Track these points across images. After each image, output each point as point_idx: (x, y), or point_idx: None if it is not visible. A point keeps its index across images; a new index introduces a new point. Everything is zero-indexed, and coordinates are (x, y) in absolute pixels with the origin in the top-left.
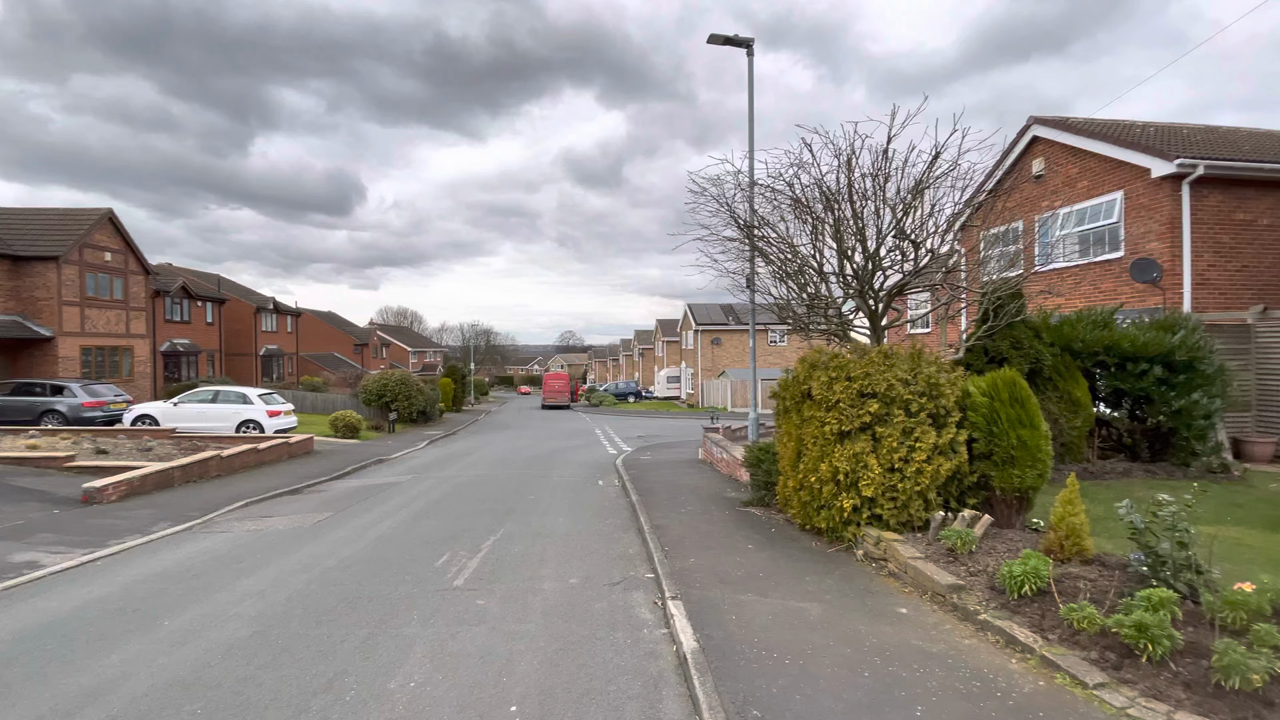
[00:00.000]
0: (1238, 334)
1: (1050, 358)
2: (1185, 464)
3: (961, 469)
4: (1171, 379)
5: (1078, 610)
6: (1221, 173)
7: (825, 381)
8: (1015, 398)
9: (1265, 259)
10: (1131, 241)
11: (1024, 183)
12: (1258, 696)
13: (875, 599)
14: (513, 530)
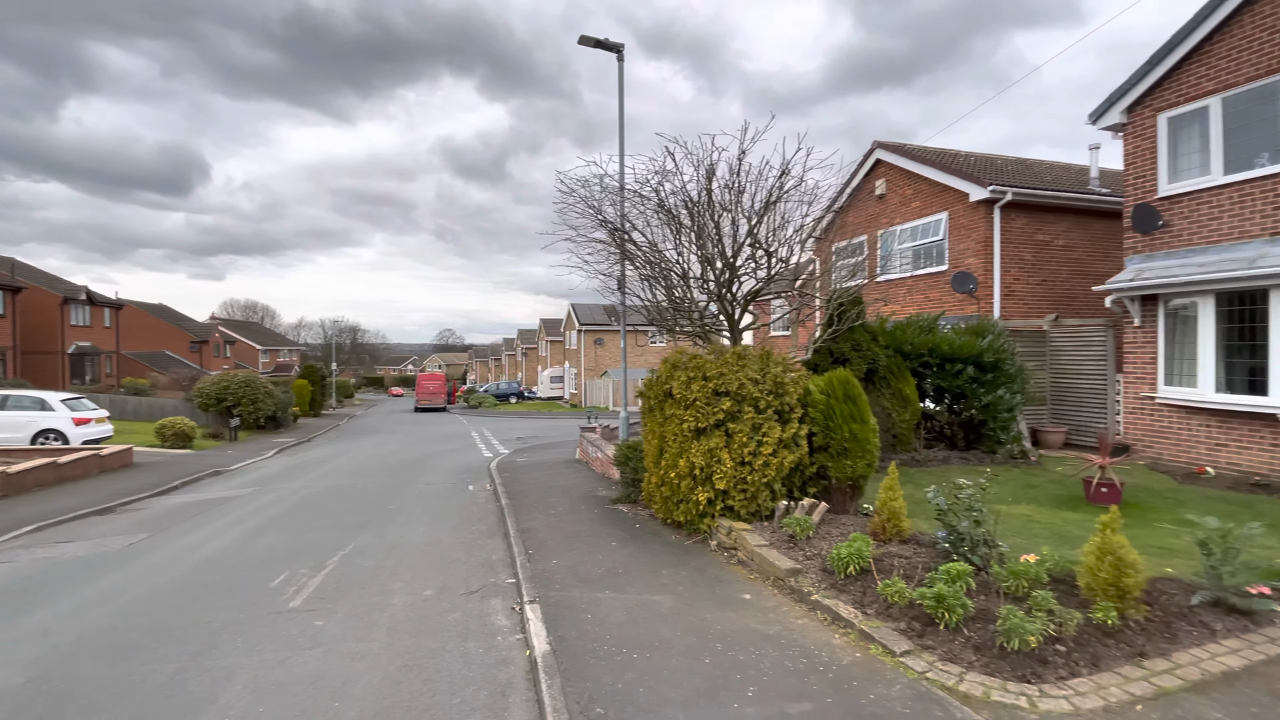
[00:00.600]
0: (1036, 338)
1: (885, 359)
2: (992, 451)
3: (803, 461)
4: (981, 377)
5: (891, 586)
6: (1026, 199)
7: (684, 381)
8: (848, 395)
9: (1060, 274)
10: (954, 257)
11: (869, 201)
12: (1034, 655)
13: (723, 587)
14: (365, 544)
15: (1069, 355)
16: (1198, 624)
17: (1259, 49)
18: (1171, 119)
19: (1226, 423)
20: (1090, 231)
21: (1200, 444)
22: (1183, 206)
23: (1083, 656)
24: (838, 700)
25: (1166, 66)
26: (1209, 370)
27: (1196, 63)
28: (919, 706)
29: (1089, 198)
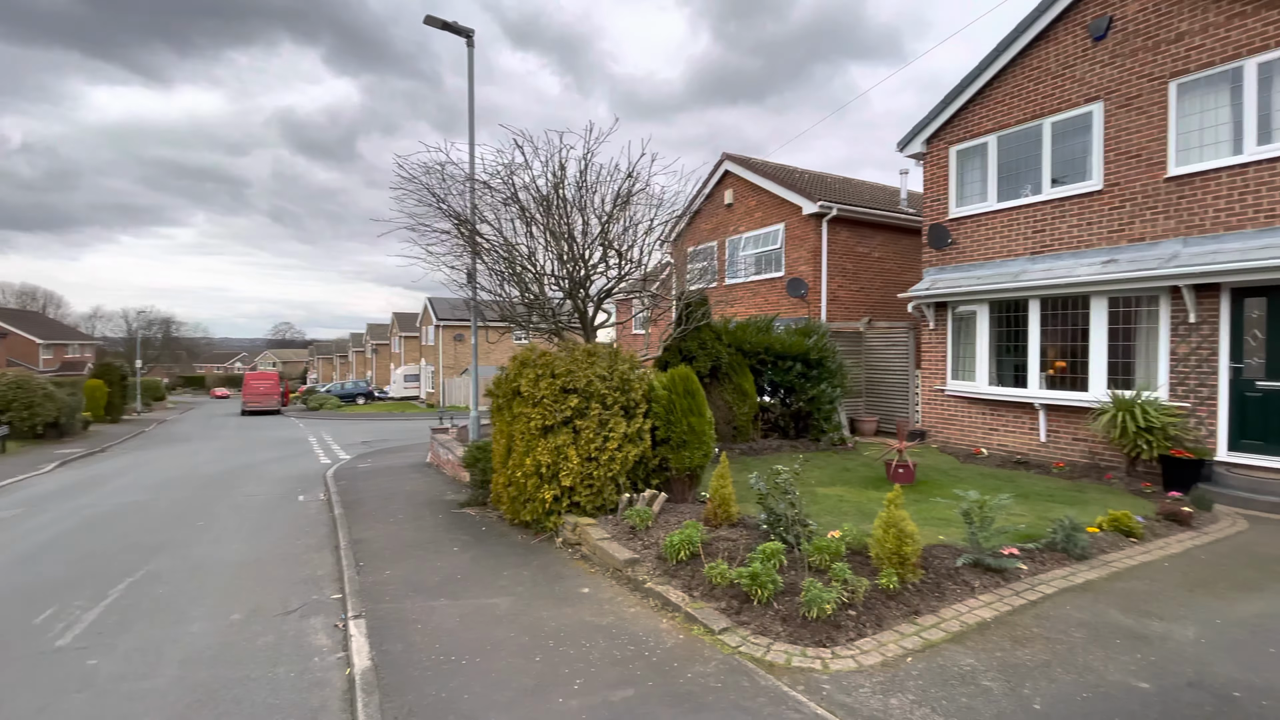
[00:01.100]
0: (854, 339)
1: (727, 356)
2: (817, 439)
3: (646, 454)
4: (808, 373)
5: (715, 568)
6: (849, 214)
7: (533, 379)
8: (688, 390)
9: (875, 282)
10: (789, 264)
11: (718, 209)
12: (830, 621)
13: (564, 583)
14: (162, 567)
15: (880, 353)
16: (961, 583)
17: (1026, 97)
18: (960, 151)
19: (997, 411)
20: (900, 246)
21: (978, 429)
22: (967, 227)
23: (869, 619)
24: (658, 682)
25: (956, 106)
26: (984, 367)
27: (979, 105)
28: (730, 679)
29: (898, 216)
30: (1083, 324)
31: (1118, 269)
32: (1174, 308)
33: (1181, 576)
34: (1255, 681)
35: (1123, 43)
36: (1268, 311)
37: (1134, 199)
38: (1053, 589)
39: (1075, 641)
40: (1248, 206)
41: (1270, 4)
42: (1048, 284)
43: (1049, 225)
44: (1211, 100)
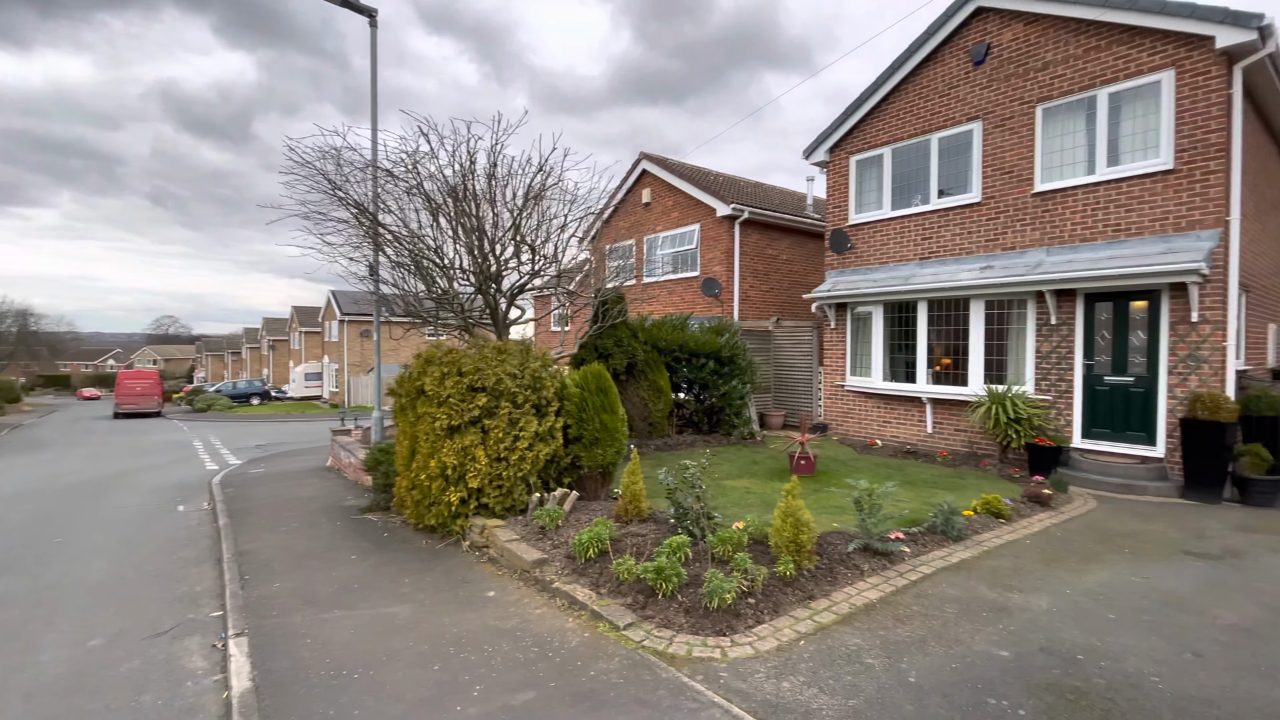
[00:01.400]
0: (764, 337)
1: (643, 353)
2: (729, 433)
3: (558, 452)
4: (721, 370)
5: (622, 564)
6: (760, 217)
7: (438, 377)
8: (601, 388)
9: (784, 283)
10: (704, 264)
11: (637, 207)
12: (730, 610)
13: (469, 587)
14: (8, 589)
15: (787, 351)
16: (852, 567)
17: (916, 113)
18: (859, 161)
19: (890, 405)
20: (807, 249)
21: (874, 422)
22: (865, 233)
23: (767, 605)
24: (560, 683)
25: (855, 119)
26: (879, 364)
27: (876, 118)
28: (631, 674)
29: (805, 221)
30: (964, 324)
31: (993, 274)
32: (1039, 310)
33: (1039, 552)
34: (1096, 645)
35: (999, 68)
36: (1113, 315)
37: (1007, 211)
38: (932, 569)
39: (948, 616)
40: (1099, 221)
41: (1119, 41)
42: (934, 287)
43: (936, 233)
44: (1071, 124)
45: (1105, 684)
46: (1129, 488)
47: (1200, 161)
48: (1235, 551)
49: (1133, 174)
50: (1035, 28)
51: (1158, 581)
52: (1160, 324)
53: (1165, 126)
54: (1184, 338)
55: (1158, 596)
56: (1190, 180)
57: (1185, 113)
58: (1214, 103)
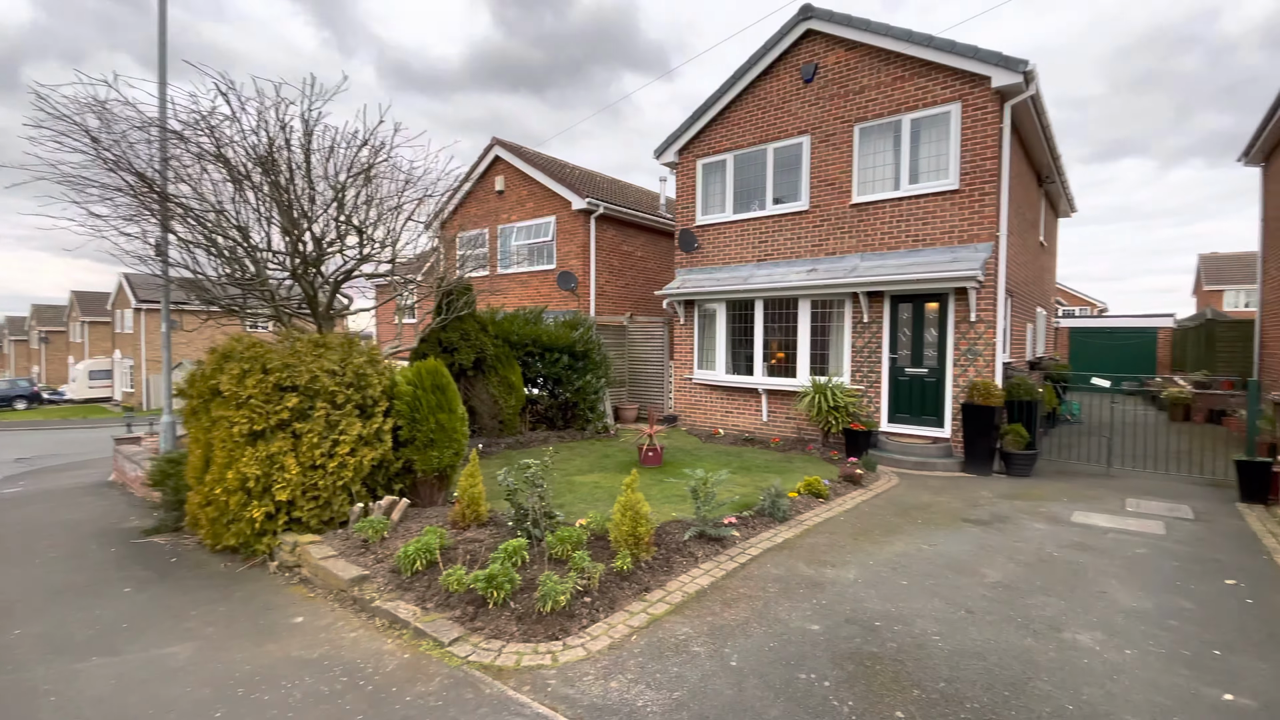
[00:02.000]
0: (619, 332)
1: (493, 348)
2: (584, 428)
3: (387, 457)
4: (575, 365)
5: (452, 575)
6: (615, 213)
7: (237, 375)
8: (437, 385)
9: (639, 280)
10: (560, 257)
11: (489, 195)
12: (565, 612)
13: (273, 615)
14: None
15: (640, 346)
16: (688, 555)
17: (755, 122)
18: (705, 165)
19: (732, 396)
20: (660, 247)
21: (718, 412)
22: (711, 234)
23: (603, 603)
24: (371, 713)
25: (702, 123)
26: (723, 358)
27: (720, 125)
28: (453, 694)
29: (658, 219)
30: (794, 321)
31: (817, 277)
32: (854, 310)
33: (851, 527)
34: (891, 610)
35: (825, 88)
36: (913, 315)
37: (830, 219)
38: (759, 550)
39: (770, 596)
40: (902, 231)
41: (920, 74)
42: (769, 287)
43: (771, 237)
44: (882, 144)
45: (896, 647)
46: (924, 464)
47: (979, 184)
48: (1001, 517)
49: (929, 191)
50: (855, 54)
51: (942, 547)
52: (948, 323)
53: (953, 152)
54: (965, 335)
55: (942, 561)
56: (971, 199)
57: (968, 141)
58: (989, 134)
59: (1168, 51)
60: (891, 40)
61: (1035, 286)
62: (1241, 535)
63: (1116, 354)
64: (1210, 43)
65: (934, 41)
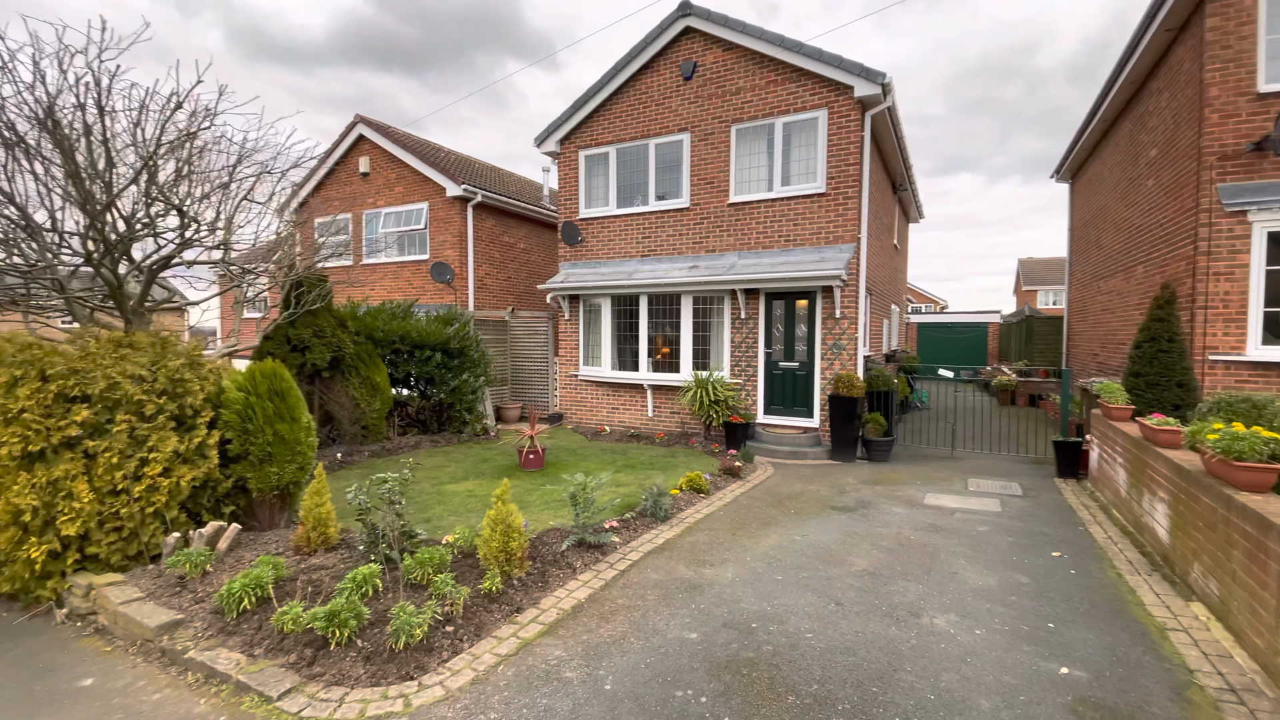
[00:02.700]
0: (500, 327)
1: (353, 346)
2: (460, 431)
3: (213, 475)
4: (449, 363)
5: (287, 613)
6: (495, 202)
7: (5, 384)
8: (275, 390)
9: (522, 273)
10: (434, 247)
11: (353, 177)
12: (423, 646)
13: (55, 678)
14: None
15: (524, 342)
16: (566, 566)
17: (637, 116)
18: (588, 156)
19: (619, 392)
20: (544, 239)
21: (604, 409)
22: (595, 227)
23: (469, 630)
24: None
25: (585, 113)
26: (608, 354)
27: (603, 116)
28: None
29: (541, 210)
30: (678, 318)
31: (699, 274)
32: (733, 306)
33: (730, 522)
34: (766, 610)
35: (704, 86)
36: (785, 311)
37: (710, 218)
38: (640, 554)
39: (649, 605)
40: (775, 231)
41: (791, 79)
42: (652, 283)
43: (654, 232)
44: (757, 145)
45: (772, 650)
46: (796, 454)
47: (843, 188)
48: (865, 503)
49: (799, 194)
50: (731, 54)
51: (813, 537)
52: (816, 319)
53: (821, 157)
54: (831, 330)
55: (813, 552)
56: (836, 203)
57: (834, 147)
58: (853, 141)
59: (995, 80)
60: (766, 44)
61: (891, 285)
62: (1060, 509)
63: (956, 346)
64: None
65: (804, 49)
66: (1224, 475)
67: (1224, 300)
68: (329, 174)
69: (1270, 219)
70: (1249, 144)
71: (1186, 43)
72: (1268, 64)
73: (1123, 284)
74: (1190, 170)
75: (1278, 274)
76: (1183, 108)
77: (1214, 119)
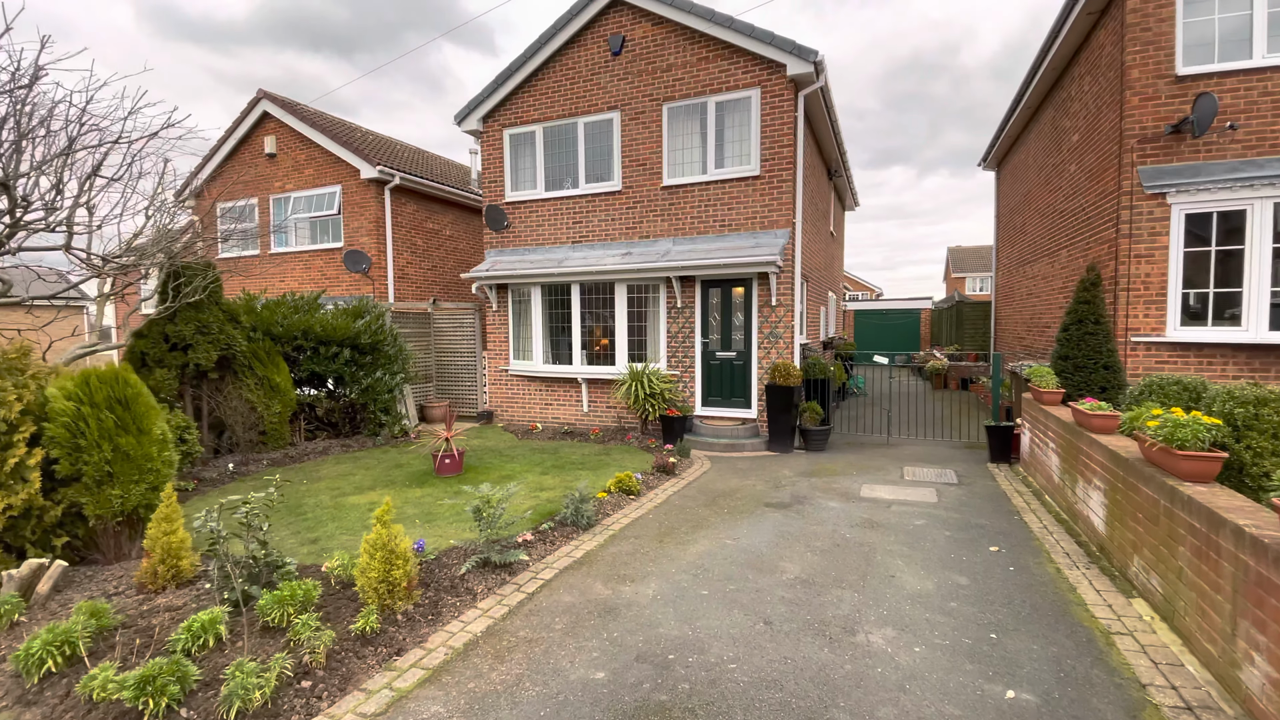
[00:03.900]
0: (422, 320)
1: (245, 342)
2: (376, 433)
3: (35, 502)
4: (360, 360)
5: (94, 679)
6: (416, 185)
7: None
8: (117, 399)
9: (448, 262)
10: (349, 234)
11: (259, 159)
12: (266, 712)
13: None
14: None
15: (448, 335)
16: (464, 592)
17: (564, 93)
18: (513, 136)
19: (552, 387)
20: (472, 226)
21: (537, 405)
22: (523, 212)
23: (331, 685)
24: None
25: (508, 89)
26: (540, 346)
27: (528, 93)
28: None
29: (468, 195)
30: (612, 307)
31: (632, 260)
32: (668, 295)
33: (658, 527)
34: (688, 635)
35: (633, 63)
36: (722, 299)
37: (643, 201)
38: (554, 572)
39: (554, 637)
40: (710, 216)
41: (724, 57)
42: (584, 270)
43: (585, 217)
44: (690, 126)
45: (689, 689)
46: (734, 446)
47: (778, 171)
48: (800, 498)
49: (733, 177)
50: (661, 29)
51: (745, 541)
52: (752, 307)
53: (754, 138)
54: (767, 318)
55: (744, 558)
56: (771, 186)
57: (768, 128)
58: (786, 122)
59: (925, 76)
60: (696, 19)
61: (827, 272)
62: (995, 497)
63: (890, 332)
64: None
65: (735, 24)
66: (1165, 464)
67: (1145, 282)
68: (231, 155)
69: (1188, 201)
70: (1168, 126)
71: (1108, 26)
72: (1186, 48)
73: (1048, 268)
74: (1112, 154)
75: (1195, 256)
76: (1104, 91)
77: (1134, 102)
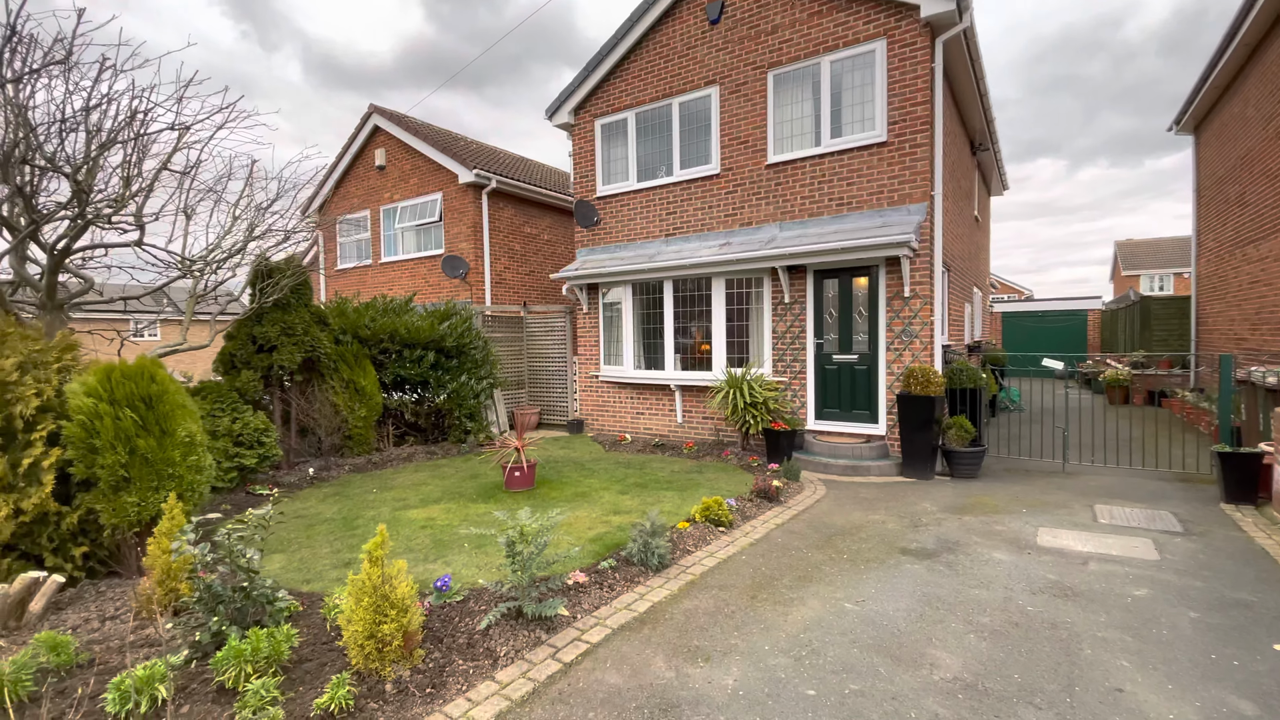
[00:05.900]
0: (515, 324)
1: (331, 345)
2: (462, 440)
3: (49, 508)
4: (445, 363)
5: None
6: (512, 189)
7: None
8: (140, 396)
9: (546, 266)
10: (449, 240)
11: (370, 172)
12: None
13: None
14: None
15: (540, 340)
16: (482, 654)
17: (658, 74)
18: (605, 125)
19: (643, 395)
20: (570, 229)
21: (628, 414)
22: (614, 206)
23: None
24: None
25: (599, 76)
26: (631, 350)
27: (619, 78)
28: None
29: (564, 197)
30: (708, 305)
31: (731, 251)
32: (774, 289)
33: (752, 575)
34: None
35: (733, 29)
36: (838, 292)
37: (744, 184)
38: (605, 631)
39: None
40: (824, 195)
41: (839, 7)
42: (676, 265)
43: (680, 207)
44: (799, 93)
45: None
46: (856, 468)
47: (909, 134)
48: (950, 544)
49: (853, 146)
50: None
51: (872, 605)
52: (879, 300)
53: (879, 98)
54: (899, 313)
55: (871, 638)
56: (900, 153)
57: (896, 85)
58: (920, 76)
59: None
60: None
61: (971, 263)
62: (1250, 555)
63: (1048, 337)
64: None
65: None
66: None
67: None
68: (347, 171)
69: None
70: None
71: None
72: None
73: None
74: None
75: None
76: None
77: None
